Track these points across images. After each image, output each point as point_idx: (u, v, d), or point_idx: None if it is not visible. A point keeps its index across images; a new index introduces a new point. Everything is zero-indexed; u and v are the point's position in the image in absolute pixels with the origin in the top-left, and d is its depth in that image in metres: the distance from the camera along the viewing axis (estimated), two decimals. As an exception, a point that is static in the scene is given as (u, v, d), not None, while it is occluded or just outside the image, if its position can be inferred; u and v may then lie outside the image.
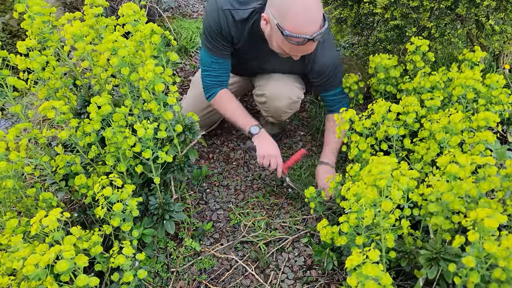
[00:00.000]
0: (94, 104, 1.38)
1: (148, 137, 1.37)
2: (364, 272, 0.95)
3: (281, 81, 1.95)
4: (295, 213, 1.88)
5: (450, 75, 1.65)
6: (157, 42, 1.40)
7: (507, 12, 1.81)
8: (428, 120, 1.48)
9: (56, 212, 1.11)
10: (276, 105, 1.96)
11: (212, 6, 1.74)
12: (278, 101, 1.95)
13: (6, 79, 1.40)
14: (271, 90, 1.94)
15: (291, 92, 1.94)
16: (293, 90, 1.95)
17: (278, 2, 1.53)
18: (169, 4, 3.56)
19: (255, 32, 1.74)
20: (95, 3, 1.56)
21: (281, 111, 1.99)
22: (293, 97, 1.95)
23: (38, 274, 1.02)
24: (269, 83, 1.96)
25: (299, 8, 1.48)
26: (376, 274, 0.95)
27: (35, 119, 2.36)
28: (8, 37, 2.79)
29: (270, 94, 1.95)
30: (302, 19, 1.49)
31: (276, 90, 1.94)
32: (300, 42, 1.53)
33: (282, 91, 1.94)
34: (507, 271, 0.95)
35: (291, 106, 1.98)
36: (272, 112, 2.02)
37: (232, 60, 1.94)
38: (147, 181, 1.72)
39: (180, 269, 1.64)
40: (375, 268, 0.95)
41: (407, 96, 1.58)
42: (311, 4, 1.49)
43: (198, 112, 2.03)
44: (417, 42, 1.71)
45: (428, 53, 1.73)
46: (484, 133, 1.32)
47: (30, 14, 1.42)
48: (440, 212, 1.17)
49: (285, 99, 1.94)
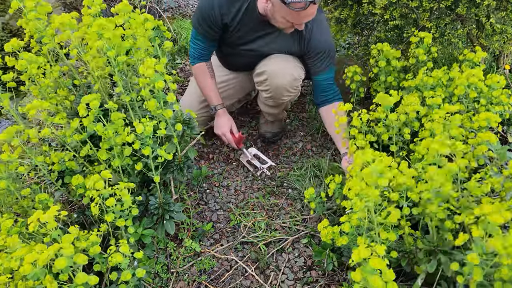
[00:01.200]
0: (83, 103, 1.37)
1: (147, 134, 1.36)
2: (371, 264, 0.95)
3: (282, 59, 1.96)
4: (295, 214, 1.87)
5: (452, 75, 1.64)
6: (150, 27, 1.40)
7: (508, 12, 1.81)
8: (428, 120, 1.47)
9: (53, 210, 1.10)
10: (277, 82, 1.94)
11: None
12: (279, 78, 1.93)
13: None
14: (272, 67, 1.94)
15: (293, 69, 1.94)
16: (295, 67, 1.96)
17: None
18: (169, 4, 3.57)
19: (250, 12, 1.80)
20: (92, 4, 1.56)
21: (283, 89, 1.96)
22: (295, 75, 1.94)
23: (37, 274, 1.01)
24: (270, 61, 1.96)
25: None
26: (382, 267, 0.94)
27: (36, 119, 2.36)
28: (8, 36, 2.78)
29: (271, 70, 1.93)
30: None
31: (277, 67, 1.93)
32: (303, 7, 1.59)
33: (283, 68, 1.93)
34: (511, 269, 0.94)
35: (292, 84, 1.96)
36: (273, 91, 1.97)
37: (229, 48, 2.01)
38: (147, 182, 1.71)
39: (180, 269, 1.63)
40: (382, 261, 0.95)
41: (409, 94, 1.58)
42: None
43: (194, 107, 2.13)
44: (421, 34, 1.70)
45: (432, 48, 1.72)
46: (487, 134, 1.31)
47: (25, 11, 1.42)
48: (434, 199, 1.15)
49: (287, 75, 1.93)
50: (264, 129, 2.28)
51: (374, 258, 0.96)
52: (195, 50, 2.01)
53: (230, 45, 1.99)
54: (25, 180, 1.97)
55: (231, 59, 2.14)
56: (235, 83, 2.24)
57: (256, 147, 2.29)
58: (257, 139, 2.35)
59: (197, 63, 2.03)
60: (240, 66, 2.17)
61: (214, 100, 2.05)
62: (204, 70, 2.04)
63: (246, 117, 2.52)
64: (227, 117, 2.09)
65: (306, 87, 2.75)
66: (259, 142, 2.33)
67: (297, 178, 2.04)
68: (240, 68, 2.19)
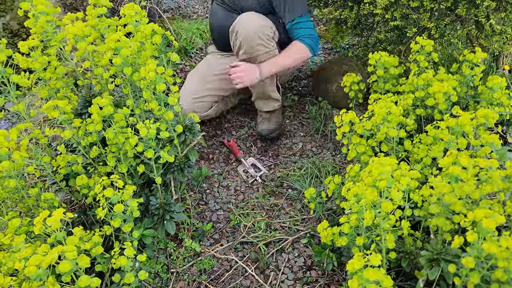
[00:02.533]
0: (96, 105, 1.39)
1: (151, 136, 1.38)
2: (365, 276, 0.95)
3: (251, 13, 2.08)
4: (295, 214, 1.88)
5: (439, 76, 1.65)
6: (158, 42, 1.40)
7: (507, 12, 1.82)
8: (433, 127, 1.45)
9: (59, 213, 1.11)
10: (247, 29, 2.02)
11: None
12: (248, 25, 2.03)
13: (10, 77, 1.40)
14: (242, 17, 2.05)
15: (261, 19, 2.06)
16: (264, 19, 2.07)
17: None
18: (169, 5, 3.57)
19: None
20: (98, 3, 1.57)
21: (253, 35, 2.02)
22: (263, 22, 2.05)
23: (40, 275, 1.02)
24: (240, 16, 2.07)
25: None
26: (377, 278, 0.95)
27: (36, 119, 2.36)
28: (9, 36, 2.79)
29: (240, 19, 2.04)
30: None
31: (246, 17, 2.05)
32: None
33: (252, 17, 2.05)
34: (507, 271, 0.95)
35: (262, 31, 2.03)
36: (244, 41, 2.04)
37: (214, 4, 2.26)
38: (147, 182, 1.72)
39: (180, 269, 1.64)
40: (377, 272, 0.95)
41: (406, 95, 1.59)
42: None
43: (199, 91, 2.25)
44: (422, 41, 1.71)
45: (433, 53, 1.73)
46: (491, 136, 1.31)
47: (34, 13, 1.42)
48: (442, 213, 1.17)
49: (255, 21, 2.04)
50: (260, 127, 2.31)
51: (369, 269, 0.97)
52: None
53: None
54: (26, 179, 1.98)
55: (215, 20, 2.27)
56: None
57: (256, 148, 2.30)
58: (256, 139, 2.36)
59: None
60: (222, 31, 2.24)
61: None
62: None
63: (246, 117, 2.53)
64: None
65: (305, 87, 2.76)
66: (259, 142, 2.34)
67: (297, 178, 2.05)
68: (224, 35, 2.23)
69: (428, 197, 1.20)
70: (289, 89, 2.71)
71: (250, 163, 2.17)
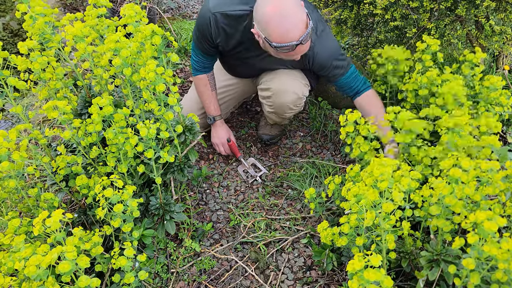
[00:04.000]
0: (96, 105, 1.39)
1: (151, 136, 1.38)
2: (365, 276, 0.95)
3: (287, 76, 1.95)
4: (295, 214, 1.88)
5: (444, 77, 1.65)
6: (157, 43, 1.40)
7: (507, 13, 1.81)
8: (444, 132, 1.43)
9: (59, 213, 1.11)
10: (281, 101, 1.96)
11: (204, 7, 1.76)
12: (284, 96, 1.94)
13: (7, 79, 1.39)
14: (277, 85, 1.94)
15: (297, 87, 1.95)
16: (300, 85, 1.96)
17: (258, 17, 1.54)
18: (169, 5, 3.57)
19: (248, 33, 1.70)
20: (98, 3, 1.57)
21: (286, 107, 1.99)
22: (299, 93, 1.95)
23: (40, 275, 1.02)
24: (275, 78, 1.96)
25: (276, 17, 1.47)
26: (377, 278, 0.95)
27: (35, 120, 2.36)
28: (9, 36, 2.79)
29: (276, 88, 1.94)
30: (283, 28, 1.48)
31: (282, 85, 1.94)
32: (290, 49, 1.53)
33: (288, 86, 1.94)
34: (508, 273, 0.95)
35: (296, 103, 1.98)
36: (277, 108, 2.00)
37: (231, 60, 1.97)
38: (147, 182, 1.72)
39: (180, 269, 1.64)
40: (377, 273, 0.96)
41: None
42: (287, 9, 1.48)
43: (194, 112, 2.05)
44: (429, 41, 1.70)
45: (438, 54, 1.72)
46: (491, 138, 1.31)
47: (32, 14, 1.41)
48: (442, 214, 1.17)
49: (291, 94, 1.94)
50: (262, 131, 2.28)
51: (369, 270, 0.97)
52: (197, 62, 1.96)
53: (232, 57, 1.96)
54: (26, 180, 1.98)
55: (233, 67, 2.12)
56: (237, 88, 2.23)
57: (256, 148, 2.29)
58: (256, 140, 2.36)
59: (199, 75, 2.00)
60: (242, 74, 2.17)
61: (212, 112, 2.06)
62: (205, 83, 2.01)
63: (246, 117, 2.53)
64: (225, 127, 2.13)
65: (306, 87, 2.76)
66: (259, 142, 2.34)
67: (297, 178, 2.05)
68: (243, 75, 2.18)
69: (428, 198, 1.20)
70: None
71: (250, 163, 2.17)
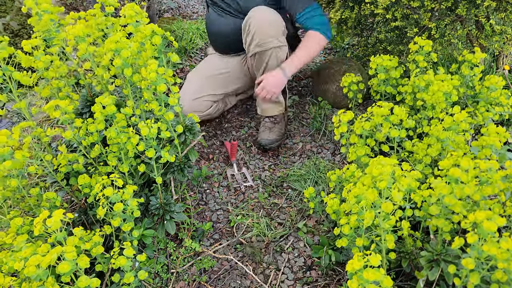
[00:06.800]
0: (99, 104, 1.38)
1: (152, 136, 1.38)
2: (365, 276, 0.95)
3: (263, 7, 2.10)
4: (294, 214, 1.88)
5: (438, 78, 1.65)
6: (157, 43, 1.40)
7: (507, 12, 1.82)
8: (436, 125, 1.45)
9: (59, 213, 1.11)
10: (260, 21, 2.03)
11: None
12: (261, 15, 2.04)
13: (12, 74, 1.39)
14: (254, 10, 2.06)
15: (272, 12, 2.08)
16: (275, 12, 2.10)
17: None
18: (169, 5, 3.57)
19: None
20: (106, 2, 1.57)
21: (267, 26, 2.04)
22: (275, 16, 2.07)
23: (40, 275, 1.02)
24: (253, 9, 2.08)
25: None
26: (377, 278, 0.95)
27: (36, 119, 2.36)
28: (10, 36, 2.79)
29: (254, 12, 2.05)
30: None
31: (259, 10, 2.07)
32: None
33: (265, 11, 2.07)
34: (507, 272, 0.95)
35: (275, 22, 2.06)
36: (257, 30, 2.05)
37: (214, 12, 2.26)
38: (147, 182, 1.72)
39: (180, 269, 1.64)
40: (376, 272, 0.95)
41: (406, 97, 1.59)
42: None
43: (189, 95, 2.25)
44: (421, 42, 1.71)
45: (432, 54, 1.73)
46: (492, 138, 1.31)
47: (38, 11, 1.43)
48: (441, 214, 1.17)
49: (268, 13, 2.06)
50: (261, 137, 2.26)
51: (369, 270, 0.96)
52: None
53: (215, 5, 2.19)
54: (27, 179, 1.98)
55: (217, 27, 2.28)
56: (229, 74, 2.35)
57: (256, 148, 2.29)
58: (256, 139, 2.36)
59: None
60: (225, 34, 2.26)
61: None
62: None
63: (246, 117, 2.53)
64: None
65: (305, 87, 2.76)
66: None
67: (297, 178, 2.05)
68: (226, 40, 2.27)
69: (427, 198, 1.20)
70: (289, 89, 2.71)
71: (241, 171, 2.15)
